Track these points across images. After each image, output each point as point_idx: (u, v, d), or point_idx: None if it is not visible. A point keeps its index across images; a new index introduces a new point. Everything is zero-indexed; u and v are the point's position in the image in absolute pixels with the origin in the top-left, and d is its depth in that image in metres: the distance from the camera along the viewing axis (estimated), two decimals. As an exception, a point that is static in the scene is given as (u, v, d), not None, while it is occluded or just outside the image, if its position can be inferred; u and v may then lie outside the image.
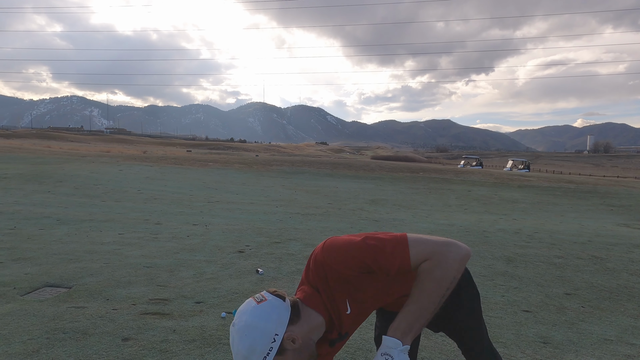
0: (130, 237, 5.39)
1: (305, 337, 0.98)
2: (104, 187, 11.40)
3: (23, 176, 12.62)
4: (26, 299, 3.01)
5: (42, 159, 18.86)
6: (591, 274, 4.55)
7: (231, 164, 23.09)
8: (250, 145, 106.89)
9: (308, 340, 0.99)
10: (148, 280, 3.57)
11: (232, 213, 8.42)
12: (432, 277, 0.95)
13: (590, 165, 78.98)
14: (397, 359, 0.90)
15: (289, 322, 0.95)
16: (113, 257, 4.27)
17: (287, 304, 0.98)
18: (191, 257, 4.46)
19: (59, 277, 3.53)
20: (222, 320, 2.76)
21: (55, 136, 74.25)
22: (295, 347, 0.95)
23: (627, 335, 2.87)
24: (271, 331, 0.92)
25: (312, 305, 1.02)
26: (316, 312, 1.01)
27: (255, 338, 0.91)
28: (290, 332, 0.95)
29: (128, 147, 58.65)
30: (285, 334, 0.94)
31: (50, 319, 2.65)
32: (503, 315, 3.12)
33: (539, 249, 5.78)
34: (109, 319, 2.69)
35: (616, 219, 11.62)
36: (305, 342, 0.98)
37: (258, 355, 0.91)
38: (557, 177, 28.07)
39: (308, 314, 1.00)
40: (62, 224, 6.16)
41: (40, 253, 4.32)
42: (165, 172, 17.16)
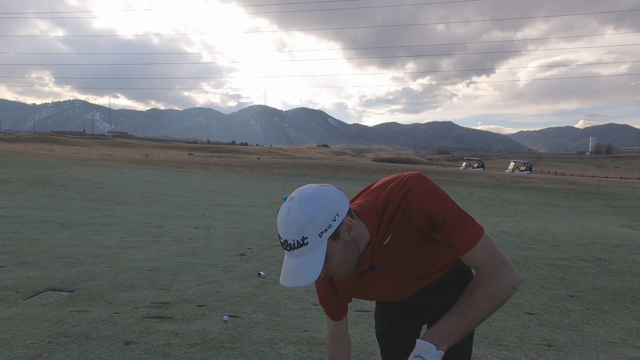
0: (132, 241, 5.39)
1: (356, 237, 0.95)
2: (106, 191, 11.43)
3: (26, 180, 12.67)
4: (29, 303, 3.02)
5: (45, 163, 18.94)
6: (595, 275, 4.52)
7: (233, 167, 23.12)
8: (251, 148, 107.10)
9: (356, 242, 0.96)
10: (150, 283, 3.56)
11: (234, 216, 8.42)
12: (486, 292, 0.92)
13: (592, 167, 78.72)
14: None
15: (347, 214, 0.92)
16: (115, 261, 4.27)
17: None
18: (193, 260, 4.46)
19: (61, 280, 3.54)
20: (224, 323, 2.76)
21: (57, 140, 74.56)
22: (348, 239, 0.92)
23: (631, 338, 2.85)
24: (334, 209, 0.89)
25: (365, 220, 0.98)
26: (366, 228, 0.98)
27: (318, 209, 0.88)
28: (349, 219, 0.91)
29: (130, 150, 58.84)
30: (345, 218, 0.91)
31: (52, 323, 2.65)
32: (506, 318, 3.10)
33: (542, 251, 5.75)
34: (111, 322, 2.69)
35: (619, 220, 11.56)
36: (354, 241, 0.95)
37: (316, 227, 0.87)
38: (559, 178, 27.98)
39: (359, 224, 0.97)
40: (65, 227, 6.17)
41: (42, 257, 4.33)
42: (167, 176, 17.20)
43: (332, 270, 0.95)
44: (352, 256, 0.95)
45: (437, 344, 0.89)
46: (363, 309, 3.14)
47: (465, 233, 0.94)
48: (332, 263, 0.92)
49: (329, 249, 0.90)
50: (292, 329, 2.71)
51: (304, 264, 0.89)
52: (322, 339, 2.58)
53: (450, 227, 0.94)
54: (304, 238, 0.87)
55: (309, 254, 0.88)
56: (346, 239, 0.92)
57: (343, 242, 0.92)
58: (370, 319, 2.94)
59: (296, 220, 0.88)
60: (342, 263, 0.94)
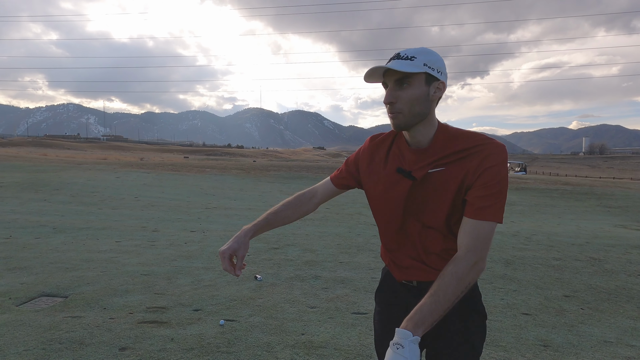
0: (128, 245, 5.35)
1: (434, 102, 1.07)
2: (101, 195, 11.34)
3: (19, 184, 12.55)
4: (22, 309, 2.98)
5: (39, 167, 18.77)
6: (589, 275, 4.55)
7: (228, 170, 23.06)
8: (247, 151, 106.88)
9: (430, 105, 1.07)
10: (145, 288, 3.54)
11: (230, 219, 8.39)
12: (455, 272, 0.98)
13: (586, 167, 79.42)
14: (407, 348, 0.91)
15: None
16: (110, 266, 4.24)
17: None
18: (189, 264, 4.44)
19: (55, 286, 3.50)
20: (220, 327, 2.74)
21: (51, 144, 73.97)
22: (431, 94, 1.05)
23: (626, 337, 2.87)
24: (444, 71, 1.06)
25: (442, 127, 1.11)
26: (436, 126, 1.10)
27: (439, 59, 1.05)
28: (443, 84, 1.07)
29: (125, 154, 58.49)
30: (440, 83, 1.06)
31: (46, 329, 2.62)
32: (503, 319, 3.11)
33: (537, 251, 5.79)
34: (106, 328, 2.66)
35: (613, 220, 11.67)
36: (429, 102, 1.06)
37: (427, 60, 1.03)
38: (553, 179, 28.21)
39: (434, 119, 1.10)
40: (59, 232, 6.11)
41: (36, 262, 4.28)
42: (163, 179, 17.11)
43: (402, 99, 1.04)
44: (419, 108, 1.05)
45: (413, 330, 0.93)
46: (360, 312, 3.14)
47: (491, 207, 1.02)
48: (407, 92, 1.04)
49: (418, 80, 1.03)
50: (288, 333, 2.70)
51: (400, 64, 1.02)
52: (320, 342, 2.57)
53: (488, 191, 1.02)
54: (413, 57, 1.03)
55: (407, 64, 1.02)
56: (430, 93, 1.05)
57: (426, 91, 1.05)
58: (367, 321, 2.94)
59: (421, 48, 1.06)
60: (411, 102, 1.04)
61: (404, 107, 1.04)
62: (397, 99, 1.04)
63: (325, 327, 2.81)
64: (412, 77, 1.03)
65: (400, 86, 1.04)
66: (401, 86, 1.04)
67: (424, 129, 1.08)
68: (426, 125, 1.08)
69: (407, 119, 1.05)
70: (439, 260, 1.13)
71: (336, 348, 2.50)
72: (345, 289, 3.66)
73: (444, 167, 1.07)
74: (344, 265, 4.55)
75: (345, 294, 3.53)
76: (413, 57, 1.02)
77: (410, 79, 1.03)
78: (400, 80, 1.04)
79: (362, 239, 6.40)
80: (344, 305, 3.25)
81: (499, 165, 1.04)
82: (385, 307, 1.26)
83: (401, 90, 1.04)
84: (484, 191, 1.02)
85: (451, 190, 1.06)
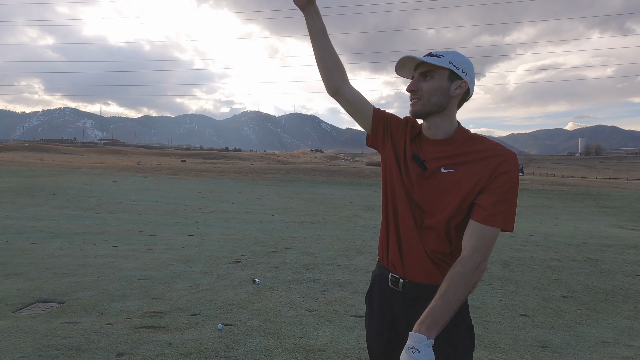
0: (125, 249, 5.33)
1: (454, 99, 1.14)
2: (98, 199, 11.30)
3: (15, 189, 12.48)
4: (18, 315, 2.96)
5: (35, 172, 18.68)
6: (587, 276, 4.57)
7: (226, 173, 23.03)
8: (245, 154, 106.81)
9: (449, 100, 1.14)
10: (143, 293, 3.52)
11: (228, 223, 8.37)
12: (463, 272, 1.01)
13: (582, 168, 79.88)
14: (423, 352, 0.92)
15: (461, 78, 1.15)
16: (107, 270, 4.22)
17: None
18: (186, 268, 4.42)
19: (51, 292, 3.47)
20: (218, 332, 2.73)
21: (48, 148, 73.65)
22: (452, 90, 1.13)
23: (624, 337, 2.88)
24: (470, 72, 1.15)
25: (462, 129, 1.17)
26: (456, 125, 1.17)
27: (467, 60, 1.14)
28: (465, 84, 1.14)
29: (122, 158, 58.30)
30: (463, 82, 1.13)
31: (42, 335, 2.60)
32: (501, 320, 3.11)
33: (535, 252, 5.81)
34: (103, 333, 2.65)
35: (609, 220, 11.74)
36: (449, 97, 1.13)
37: (454, 59, 1.12)
38: (550, 180, 28.36)
39: (453, 117, 1.17)
40: (55, 237, 6.08)
41: (32, 268, 4.25)
42: (160, 183, 17.06)
43: (423, 88, 1.13)
44: (438, 99, 1.13)
45: (427, 333, 0.95)
46: (358, 314, 3.13)
47: (502, 214, 1.05)
48: (428, 83, 1.13)
49: (441, 75, 1.12)
50: (287, 336, 2.69)
51: (427, 58, 1.13)
52: (318, 346, 2.56)
53: (501, 196, 1.06)
54: (441, 55, 1.13)
55: (433, 59, 1.12)
56: (451, 88, 1.13)
57: (447, 85, 1.12)
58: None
59: (451, 50, 1.15)
60: (430, 92, 1.13)
61: (423, 94, 1.13)
62: (418, 88, 1.14)
63: (323, 330, 2.81)
64: (436, 70, 1.12)
65: (424, 78, 1.14)
66: (425, 78, 1.14)
67: (440, 122, 1.15)
68: (443, 118, 1.15)
69: (424, 106, 1.13)
70: (425, 261, 1.14)
71: (335, 351, 2.50)
72: (344, 292, 3.66)
73: (457, 168, 1.10)
74: (342, 268, 4.55)
75: (344, 297, 3.52)
76: (441, 55, 1.13)
77: (433, 72, 1.12)
78: (425, 73, 1.13)
79: (360, 241, 6.40)
80: (342, 309, 3.25)
81: (513, 171, 1.08)
82: (374, 310, 1.27)
83: (424, 81, 1.14)
84: (496, 196, 1.05)
85: (462, 192, 1.08)
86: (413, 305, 1.15)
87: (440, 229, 1.11)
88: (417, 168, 1.15)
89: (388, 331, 1.22)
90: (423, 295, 1.12)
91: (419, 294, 1.14)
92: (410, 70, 1.17)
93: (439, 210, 1.11)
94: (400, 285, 1.17)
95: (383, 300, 1.24)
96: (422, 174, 1.14)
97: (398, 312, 1.19)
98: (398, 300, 1.19)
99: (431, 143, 1.16)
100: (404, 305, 1.18)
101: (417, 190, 1.14)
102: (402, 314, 1.18)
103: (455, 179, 1.09)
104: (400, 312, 1.18)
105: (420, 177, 1.14)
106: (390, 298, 1.21)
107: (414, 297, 1.15)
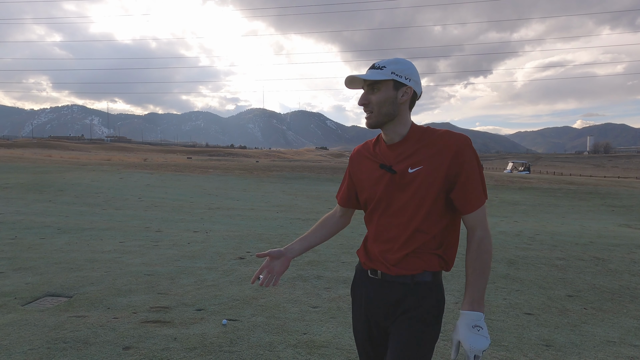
0: (131, 245, 5.39)
1: (402, 105, 1.21)
2: (105, 196, 11.41)
3: (24, 186, 12.65)
4: (27, 309, 3.01)
5: (43, 168, 18.91)
6: (593, 275, 4.53)
7: (231, 171, 23.11)
8: (250, 152, 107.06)
9: (398, 108, 1.21)
10: (149, 288, 3.56)
11: (233, 219, 8.42)
12: (486, 249, 1.17)
13: (590, 166, 78.90)
14: (485, 328, 1.09)
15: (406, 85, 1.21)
16: (114, 266, 4.27)
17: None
18: (192, 264, 4.46)
19: (59, 286, 3.53)
20: (223, 327, 2.76)
21: (56, 145, 74.47)
22: (399, 98, 1.20)
23: (630, 337, 2.86)
24: (415, 79, 1.22)
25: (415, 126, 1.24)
26: (410, 125, 1.24)
27: (409, 67, 1.21)
28: (410, 90, 1.21)
29: (128, 155, 58.79)
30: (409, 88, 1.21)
31: (51, 328, 2.65)
32: (505, 319, 3.10)
33: (541, 251, 5.77)
34: (109, 327, 2.69)
35: (617, 219, 11.59)
36: (397, 105, 1.20)
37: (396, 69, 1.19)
38: (557, 178, 28.05)
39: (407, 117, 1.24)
40: (63, 232, 6.16)
41: (41, 262, 4.32)
42: (166, 180, 17.18)
43: (372, 101, 1.21)
44: (387, 109, 1.20)
45: (479, 308, 1.12)
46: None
47: (474, 197, 1.17)
48: (376, 96, 1.20)
49: (386, 86, 1.20)
50: (291, 332, 2.71)
51: (370, 73, 1.21)
52: (322, 342, 2.58)
53: (468, 185, 1.16)
54: (383, 67, 1.20)
55: (377, 72, 1.20)
56: (397, 96, 1.20)
57: (394, 95, 1.20)
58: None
59: (393, 59, 1.22)
60: (380, 104, 1.20)
61: (374, 108, 1.21)
62: (368, 101, 1.21)
63: (327, 326, 2.82)
64: (381, 83, 1.20)
65: (372, 91, 1.21)
66: (372, 91, 1.21)
67: (395, 127, 1.23)
68: (397, 124, 1.22)
69: (377, 118, 1.21)
70: (408, 256, 1.20)
71: (338, 348, 2.51)
72: (347, 289, 3.67)
73: (422, 165, 1.18)
74: (346, 265, 4.56)
75: (347, 294, 3.54)
76: (383, 67, 1.20)
77: (379, 85, 1.20)
78: (371, 86, 1.21)
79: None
80: (345, 305, 3.26)
81: (469, 157, 1.17)
82: (356, 300, 1.34)
83: (372, 94, 1.21)
84: (467, 186, 1.17)
85: (434, 190, 1.18)
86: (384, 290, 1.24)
87: (422, 225, 1.19)
88: (387, 174, 1.22)
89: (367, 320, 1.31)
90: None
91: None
92: (360, 82, 1.24)
93: (419, 207, 1.18)
94: (379, 273, 1.25)
95: (364, 288, 1.32)
96: (392, 178, 1.21)
97: (375, 297, 1.26)
98: (375, 287, 1.26)
99: (390, 148, 1.24)
100: (381, 290, 1.25)
101: (395, 194, 1.22)
102: (375, 298, 1.26)
103: (424, 176, 1.18)
104: (377, 296, 1.26)
105: (392, 182, 1.21)
106: (369, 285, 1.29)
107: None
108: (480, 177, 1.18)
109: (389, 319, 1.21)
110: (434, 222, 1.19)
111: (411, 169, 1.19)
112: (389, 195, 1.22)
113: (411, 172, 1.19)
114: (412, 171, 1.19)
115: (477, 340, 1.06)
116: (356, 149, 1.38)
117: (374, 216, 1.27)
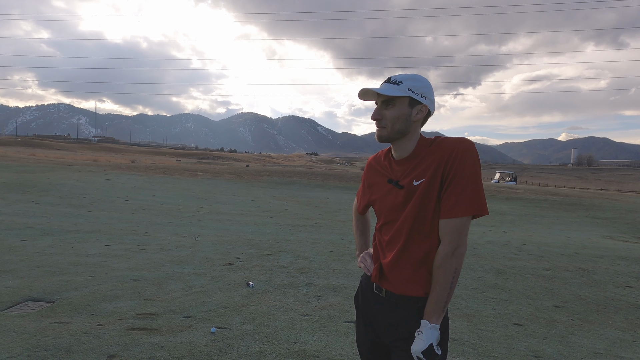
0: (117, 249, 5.26)
1: (415, 123, 1.22)
2: (91, 197, 11.17)
3: (6, 185, 12.30)
4: (6, 314, 2.90)
5: (27, 168, 18.43)
6: (579, 286, 4.61)
7: (221, 174, 22.92)
8: (240, 156, 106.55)
9: (410, 124, 1.21)
10: (135, 293, 3.47)
11: (222, 224, 8.32)
12: (451, 267, 1.14)
13: (574, 178, 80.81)
14: (425, 333, 1.12)
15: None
16: (99, 270, 4.16)
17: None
18: (180, 269, 4.38)
19: (41, 290, 3.42)
20: (211, 335, 2.70)
21: (40, 144, 72.84)
22: (413, 115, 1.20)
23: (615, 348, 2.90)
24: (430, 97, 1.22)
25: (422, 139, 1.25)
26: (418, 140, 1.24)
27: (426, 85, 1.21)
28: (425, 108, 1.22)
29: (116, 156, 57.84)
30: (424, 107, 1.21)
31: (31, 335, 2.55)
32: (495, 329, 3.12)
33: (528, 261, 5.85)
34: (93, 335, 2.60)
35: (601, 231, 11.86)
36: (410, 122, 1.21)
37: (412, 86, 1.19)
38: (543, 189, 28.63)
39: (417, 132, 1.25)
40: (46, 234, 5.99)
41: (22, 265, 4.18)
42: (154, 182, 16.93)
43: (386, 117, 1.21)
44: (401, 125, 1.20)
45: (429, 319, 1.13)
46: (353, 320, 3.12)
47: (458, 203, 1.13)
48: (391, 111, 1.20)
49: (402, 102, 1.20)
50: (281, 341, 2.67)
51: (387, 88, 1.20)
52: (312, 351, 2.55)
53: (458, 186, 1.13)
54: (400, 82, 1.20)
55: (393, 88, 1.19)
56: (412, 113, 1.20)
57: (409, 112, 1.20)
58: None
59: (410, 74, 1.22)
60: (394, 120, 1.20)
61: (387, 123, 1.21)
62: (382, 116, 1.21)
63: (317, 335, 2.79)
64: (397, 99, 1.19)
65: (386, 106, 1.21)
66: (387, 106, 1.21)
67: (404, 144, 1.24)
68: (407, 141, 1.23)
69: (389, 134, 1.22)
70: (418, 268, 1.20)
71: (329, 357, 2.48)
72: (338, 297, 3.65)
73: (424, 177, 1.19)
74: (336, 273, 4.54)
75: (338, 302, 3.51)
76: (400, 82, 1.19)
77: (394, 101, 1.20)
78: (386, 102, 1.21)
79: (355, 246, 6.40)
80: (336, 314, 3.23)
81: (461, 156, 1.14)
82: (360, 312, 1.36)
83: (387, 109, 1.21)
84: (448, 188, 1.14)
85: (434, 196, 1.17)
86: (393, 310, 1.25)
87: (429, 233, 1.19)
88: (395, 189, 1.23)
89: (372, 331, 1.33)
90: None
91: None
92: (374, 95, 1.22)
93: (424, 217, 1.18)
94: (383, 292, 1.26)
95: (367, 302, 1.33)
96: (398, 193, 1.22)
97: (380, 314, 1.27)
98: (381, 304, 1.27)
99: (399, 163, 1.25)
100: (385, 307, 1.26)
101: (403, 206, 1.22)
102: (380, 317, 1.27)
103: (426, 186, 1.17)
104: (381, 314, 1.27)
105: (399, 197, 1.22)
106: (374, 301, 1.30)
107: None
108: (472, 182, 1.13)
109: (391, 336, 1.23)
110: (425, 231, 1.19)
111: (416, 182, 1.19)
112: (395, 210, 1.23)
113: (416, 185, 1.19)
114: (416, 184, 1.19)
115: (416, 343, 1.12)
116: (369, 161, 1.40)
117: (383, 228, 1.29)
